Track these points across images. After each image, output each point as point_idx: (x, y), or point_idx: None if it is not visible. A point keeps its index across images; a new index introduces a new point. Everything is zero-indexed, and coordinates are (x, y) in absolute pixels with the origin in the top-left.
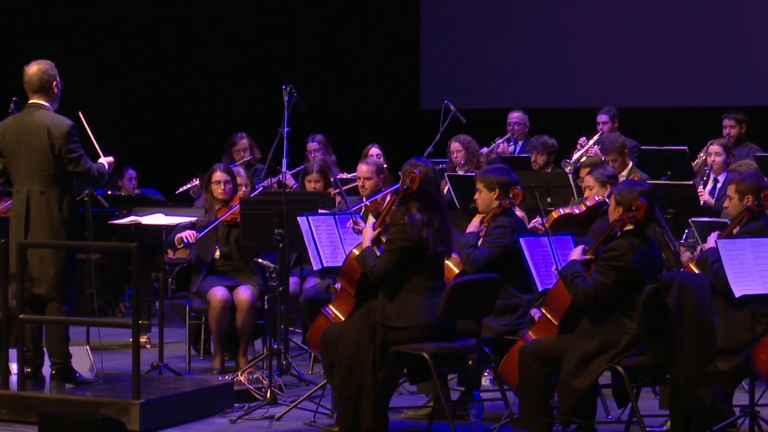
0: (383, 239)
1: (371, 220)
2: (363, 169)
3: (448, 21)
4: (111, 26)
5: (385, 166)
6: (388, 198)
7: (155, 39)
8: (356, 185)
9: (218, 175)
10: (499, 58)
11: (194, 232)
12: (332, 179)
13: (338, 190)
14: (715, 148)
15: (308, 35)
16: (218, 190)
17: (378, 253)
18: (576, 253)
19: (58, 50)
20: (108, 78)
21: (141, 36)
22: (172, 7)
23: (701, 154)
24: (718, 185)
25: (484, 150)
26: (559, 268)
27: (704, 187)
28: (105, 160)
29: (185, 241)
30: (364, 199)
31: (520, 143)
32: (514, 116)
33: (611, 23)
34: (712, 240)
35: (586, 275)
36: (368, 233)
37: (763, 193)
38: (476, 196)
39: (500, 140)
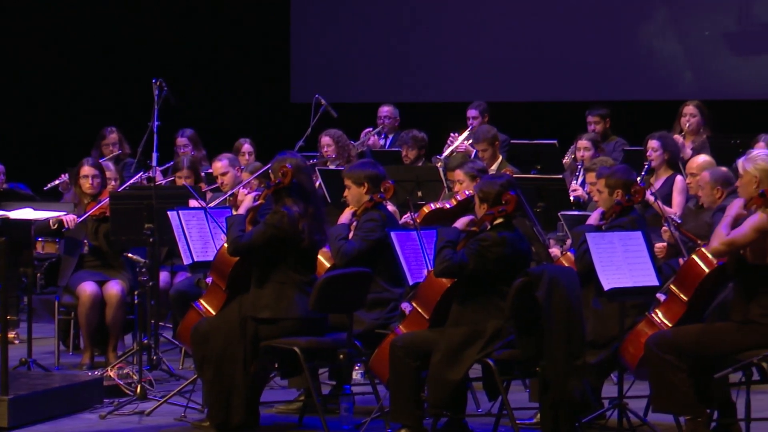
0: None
1: (249, 196)
2: (217, 165)
3: (318, 15)
4: None
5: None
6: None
7: (22, 32)
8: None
9: (86, 170)
10: (370, 52)
11: (75, 216)
12: (202, 174)
13: (207, 188)
14: (583, 143)
15: (178, 28)
16: (86, 185)
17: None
18: (463, 222)
19: None
20: None
21: (7, 29)
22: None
23: (569, 153)
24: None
25: (360, 141)
26: (431, 268)
27: (576, 182)
28: None
29: (65, 225)
30: (226, 194)
31: (391, 137)
32: (385, 110)
33: (480, 18)
34: (592, 217)
35: (456, 248)
36: (247, 202)
37: (632, 187)
38: (346, 193)
39: (372, 132)
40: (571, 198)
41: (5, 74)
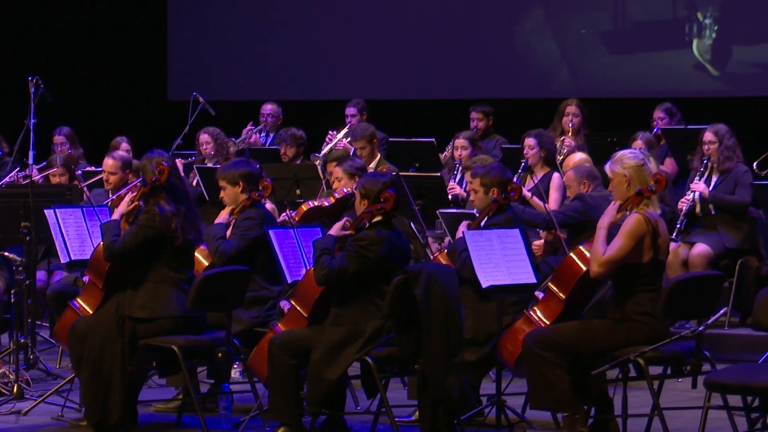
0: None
1: (128, 197)
2: (109, 163)
3: (195, 12)
4: None
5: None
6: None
7: None
8: (102, 178)
9: None
10: (248, 50)
11: None
12: (77, 173)
13: (84, 185)
14: (461, 141)
15: (54, 25)
16: None
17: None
18: (336, 228)
19: None
20: None
21: None
22: None
23: (448, 148)
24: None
25: (241, 139)
26: (309, 267)
27: (455, 180)
28: None
29: None
30: (111, 194)
31: (272, 135)
32: (268, 108)
33: (358, 15)
34: (461, 229)
35: (334, 254)
36: (122, 208)
37: (509, 185)
38: (222, 194)
39: (254, 130)
40: (449, 196)
41: None
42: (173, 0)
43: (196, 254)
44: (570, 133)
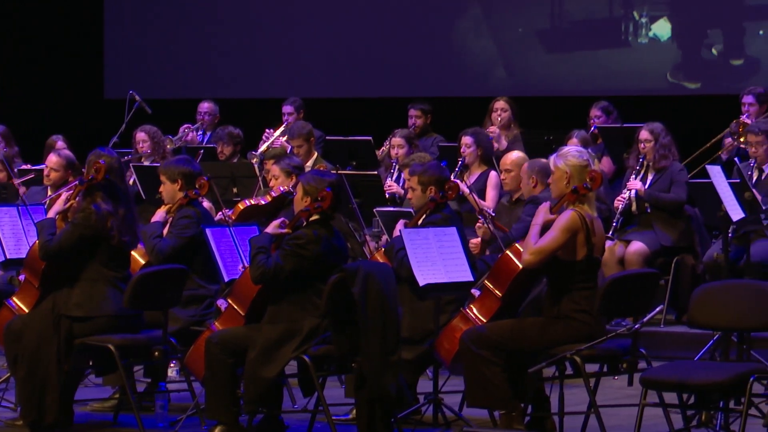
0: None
1: (64, 195)
2: (53, 159)
3: (132, 10)
4: None
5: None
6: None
7: None
8: (33, 177)
9: None
10: (185, 48)
11: None
12: (14, 171)
13: (18, 181)
14: (397, 140)
15: None
16: None
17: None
18: (273, 226)
19: None
20: None
21: None
22: None
23: (385, 144)
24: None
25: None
26: (246, 265)
27: (392, 178)
28: None
29: None
30: (49, 192)
31: (209, 134)
32: (205, 106)
33: (295, 14)
34: (398, 228)
35: (271, 253)
36: (58, 206)
37: (446, 184)
38: (161, 189)
39: (191, 129)
40: (387, 194)
41: None
42: None
43: (133, 253)
44: (499, 129)
